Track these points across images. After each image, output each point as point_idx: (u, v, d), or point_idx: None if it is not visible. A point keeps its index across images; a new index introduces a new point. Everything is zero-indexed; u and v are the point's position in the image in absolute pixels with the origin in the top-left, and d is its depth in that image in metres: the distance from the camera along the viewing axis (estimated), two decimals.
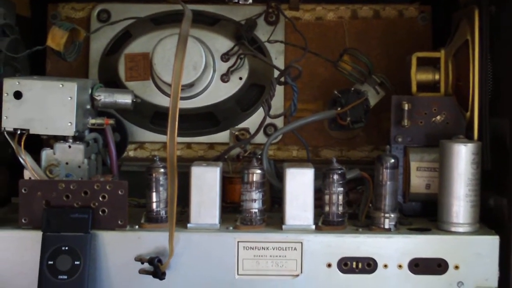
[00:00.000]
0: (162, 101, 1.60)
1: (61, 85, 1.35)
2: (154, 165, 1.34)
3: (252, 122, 1.63)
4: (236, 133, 1.58)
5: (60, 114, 1.35)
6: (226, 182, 1.47)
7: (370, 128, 1.61)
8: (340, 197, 1.33)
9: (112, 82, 1.61)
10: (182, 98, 1.58)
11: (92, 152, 1.45)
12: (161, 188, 1.33)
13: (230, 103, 1.62)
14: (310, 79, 1.66)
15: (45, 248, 1.26)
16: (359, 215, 1.38)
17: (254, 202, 1.33)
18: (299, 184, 1.32)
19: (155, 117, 1.63)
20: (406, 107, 1.42)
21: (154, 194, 1.33)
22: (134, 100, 1.47)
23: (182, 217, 1.36)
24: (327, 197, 1.34)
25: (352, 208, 1.41)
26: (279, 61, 1.64)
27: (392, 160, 1.33)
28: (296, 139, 1.61)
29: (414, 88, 1.48)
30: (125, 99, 1.47)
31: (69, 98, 1.35)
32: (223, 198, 1.45)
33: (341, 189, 1.33)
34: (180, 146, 1.66)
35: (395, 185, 1.33)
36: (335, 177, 1.33)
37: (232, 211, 1.43)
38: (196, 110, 1.61)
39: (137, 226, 1.32)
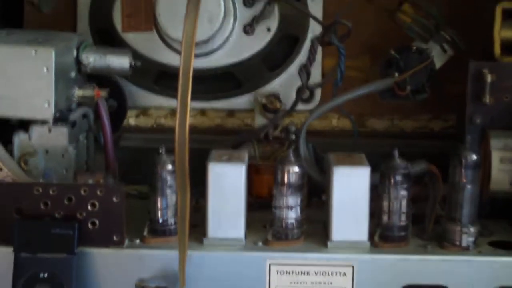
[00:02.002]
0: (170, 58, 1.26)
1: (33, 52, 1.02)
2: (160, 160, 1.02)
3: (281, 83, 1.29)
4: (263, 100, 1.26)
5: (34, 91, 1.02)
6: (252, 171, 1.15)
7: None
8: (404, 203, 1.02)
9: (105, 32, 1.27)
10: (195, 56, 1.23)
11: (81, 132, 1.13)
12: (169, 191, 1.02)
13: (255, 61, 1.27)
14: (354, 27, 1.30)
15: (18, 274, 0.96)
16: (426, 224, 1.07)
17: (290, 210, 1.02)
18: (351, 188, 1.00)
19: (160, 77, 1.29)
20: (489, 78, 1.08)
21: (159, 200, 1.02)
22: (133, 63, 1.14)
23: (197, 217, 1.04)
24: (385, 204, 1.02)
25: (414, 207, 1.09)
26: (316, 6, 1.28)
27: (475, 157, 1.01)
28: None
29: (497, 49, 1.13)
30: (121, 62, 1.13)
31: (45, 70, 1.02)
32: (248, 191, 1.14)
33: (405, 192, 1.02)
34: (193, 112, 1.33)
35: (476, 189, 1.01)
36: (398, 178, 1.01)
37: (259, 208, 1.13)
38: (212, 71, 1.27)
39: (138, 241, 1.02)
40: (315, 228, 1.06)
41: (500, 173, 1.09)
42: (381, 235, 1.02)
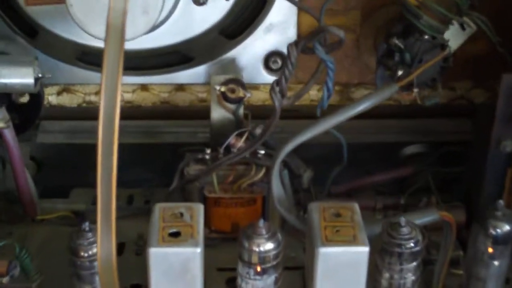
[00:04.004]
0: (92, 38, 0.93)
1: None
2: (82, 241, 0.75)
3: (242, 52, 0.99)
4: (222, 89, 0.95)
5: None
6: (210, 203, 0.89)
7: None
8: (411, 280, 0.78)
9: (6, 6, 0.93)
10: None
11: None
12: (97, 278, 0.76)
13: (210, 35, 0.96)
14: None
15: None
16: (434, 280, 0.83)
17: None
18: (342, 274, 0.75)
19: (84, 55, 0.97)
20: None
21: None
22: (40, 76, 0.83)
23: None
24: (384, 282, 0.78)
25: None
26: None
27: (508, 228, 0.75)
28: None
29: None
30: (22, 77, 0.82)
31: None
32: (206, 224, 0.89)
33: (414, 265, 0.77)
34: (132, 88, 1.04)
35: (506, 265, 0.77)
36: (405, 257, 0.76)
37: (220, 244, 0.90)
38: (155, 51, 0.96)
39: None
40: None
41: None
42: None
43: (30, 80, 0.82)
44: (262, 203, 0.90)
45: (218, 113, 0.97)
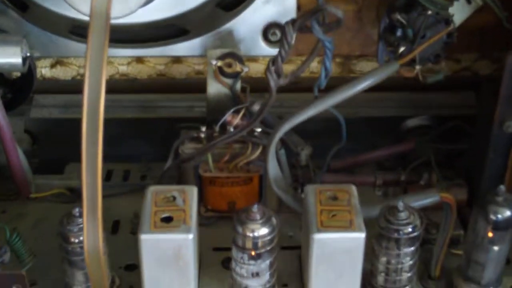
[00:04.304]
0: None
1: None
2: (72, 227, 0.73)
3: (241, 24, 0.96)
4: (218, 63, 0.93)
5: None
6: (205, 183, 0.87)
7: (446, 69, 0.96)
8: (409, 264, 0.76)
9: None
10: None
11: None
12: None
13: (207, 9, 0.92)
14: None
15: None
16: (432, 266, 0.81)
17: (255, 276, 0.76)
18: (338, 260, 0.73)
19: (75, 29, 0.95)
20: None
21: (77, 273, 0.75)
22: (28, 55, 0.80)
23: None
24: (381, 266, 0.76)
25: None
26: None
27: (508, 214, 0.73)
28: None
29: None
30: (10, 56, 0.79)
31: None
32: (201, 202, 0.88)
33: (412, 249, 0.75)
34: (127, 60, 1.01)
35: (505, 250, 0.75)
36: (403, 242, 0.74)
37: (216, 222, 0.89)
38: (150, 25, 0.93)
39: None
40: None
41: None
42: None
43: (18, 60, 0.80)
44: (259, 181, 0.88)
45: (214, 88, 0.94)
